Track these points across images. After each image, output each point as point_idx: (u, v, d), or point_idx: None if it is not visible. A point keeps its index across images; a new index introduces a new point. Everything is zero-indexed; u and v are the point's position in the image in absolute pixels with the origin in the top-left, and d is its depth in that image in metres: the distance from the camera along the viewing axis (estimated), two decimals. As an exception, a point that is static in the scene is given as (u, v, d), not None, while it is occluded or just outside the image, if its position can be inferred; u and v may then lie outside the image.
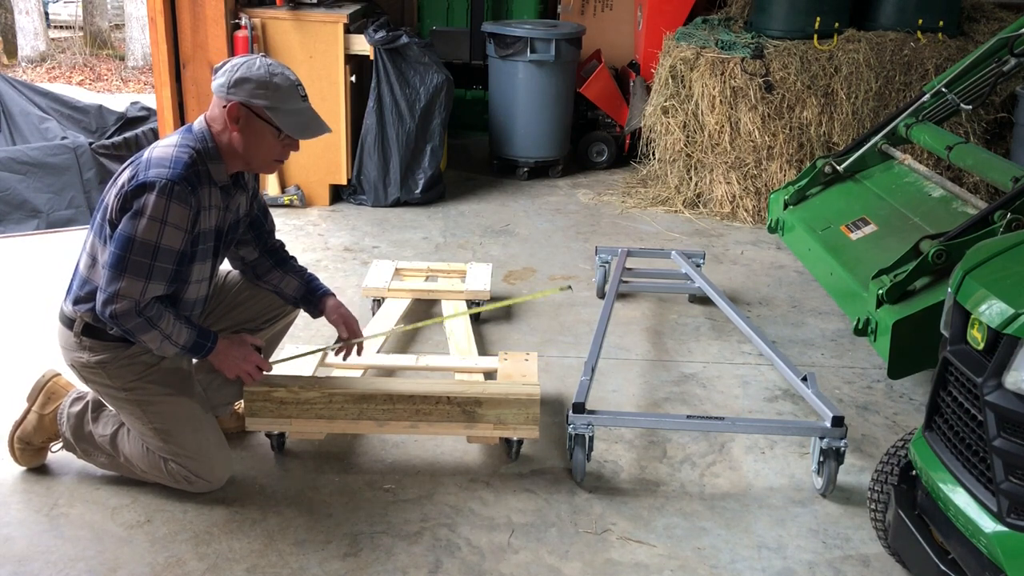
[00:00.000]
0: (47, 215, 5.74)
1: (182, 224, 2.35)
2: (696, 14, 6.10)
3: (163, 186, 2.30)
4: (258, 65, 2.40)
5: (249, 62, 2.41)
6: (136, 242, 2.31)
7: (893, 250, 3.14)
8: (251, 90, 2.38)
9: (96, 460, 2.67)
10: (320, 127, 2.51)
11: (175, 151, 2.38)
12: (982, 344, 1.90)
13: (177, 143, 2.41)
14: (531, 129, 5.95)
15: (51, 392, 2.73)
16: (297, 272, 2.83)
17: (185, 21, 4.82)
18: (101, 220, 2.44)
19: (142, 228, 2.31)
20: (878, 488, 2.37)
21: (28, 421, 2.69)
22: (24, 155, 5.79)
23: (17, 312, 3.82)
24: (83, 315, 2.47)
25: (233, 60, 2.45)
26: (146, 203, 2.30)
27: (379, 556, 2.42)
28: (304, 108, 2.47)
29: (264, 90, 2.39)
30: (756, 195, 5.40)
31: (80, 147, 5.91)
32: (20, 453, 2.69)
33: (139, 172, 2.35)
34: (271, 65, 2.42)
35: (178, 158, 2.36)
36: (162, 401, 2.52)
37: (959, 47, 5.31)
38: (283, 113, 2.42)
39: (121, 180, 2.40)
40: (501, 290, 4.22)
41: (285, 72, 2.44)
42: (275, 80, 2.40)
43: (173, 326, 2.42)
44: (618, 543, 2.52)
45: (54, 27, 16.19)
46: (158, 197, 2.30)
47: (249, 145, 2.45)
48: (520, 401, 2.72)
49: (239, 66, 2.40)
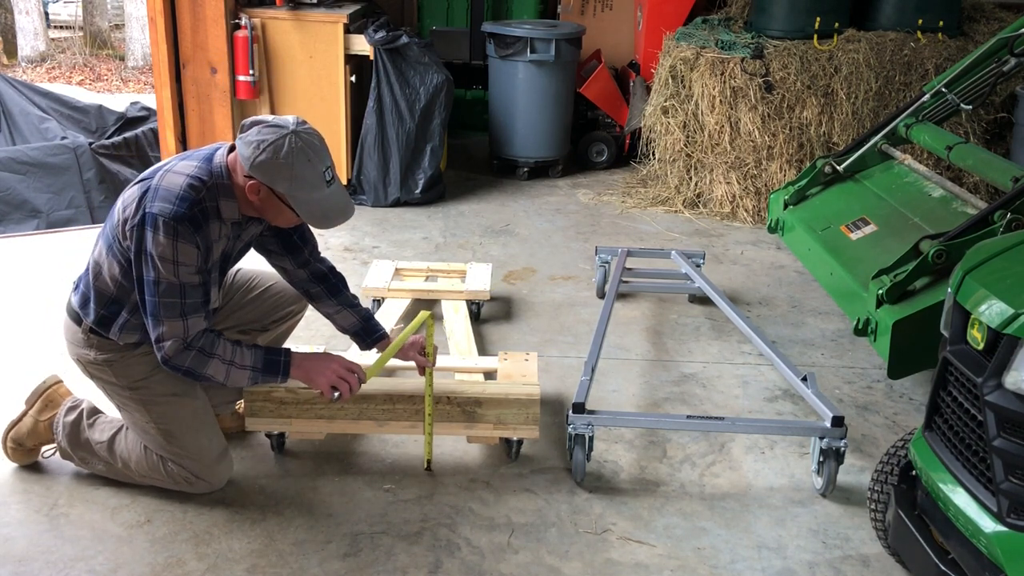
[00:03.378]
0: (47, 215, 5.75)
1: (193, 262, 2.31)
2: (696, 14, 6.09)
3: (166, 224, 2.25)
4: (286, 150, 2.26)
5: (277, 144, 2.26)
6: (160, 285, 2.28)
7: (893, 250, 3.14)
8: (273, 176, 2.27)
9: (94, 467, 2.66)
10: (342, 214, 2.39)
11: (185, 183, 2.30)
12: (982, 344, 1.90)
13: (191, 172, 2.32)
14: (531, 129, 5.95)
15: (49, 399, 2.74)
16: (354, 308, 2.75)
17: (185, 21, 4.82)
18: (111, 233, 2.39)
19: (159, 271, 2.27)
20: (878, 488, 2.37)
21: (23, 423, 2.70)
22: (24, 155, 5.80)
23: (17, 312, 3.82)
24: (88, 322, 2.46)
25: (263, 131, 2.29)
26: (153, 242, 2.26)
27: (379, 556, 2.42)
28: (327, 196, 2.34)
29: (288, 181, 2.27)
30: (756, 195, 5.40)
31: (80, 147, 5.92)
32: (11, 452, 2.71)
33: (147, 199, 2.29)
34: (300, 151, 2.27)
35: (185, 193, 2.28)
36: (166, 402, 2.51)
37: (959, 47, 5.31)
38: (304, 202, 2.32)
39: (130, 197, 2.34)
40: (501, 290, 4.22)
41: (314, 158, 2.30)
42: (300, 171, 2.27)
43: (233, 351, 2.39)
44: (618, 543, 2.52)
45: (54, 27, 16.19)
46: (164, 236, 2.25)
47: (267, 211, 2.39)
48: (520, 401, 2.72)
49: (267, 145, 2.26)
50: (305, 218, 2.36)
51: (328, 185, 2.34)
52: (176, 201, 2.27)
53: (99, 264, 2.43)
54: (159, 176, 2.33)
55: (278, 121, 2.31)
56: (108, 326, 2.45)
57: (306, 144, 2.30)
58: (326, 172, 2.34)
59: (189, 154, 2.44)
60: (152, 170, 2.40)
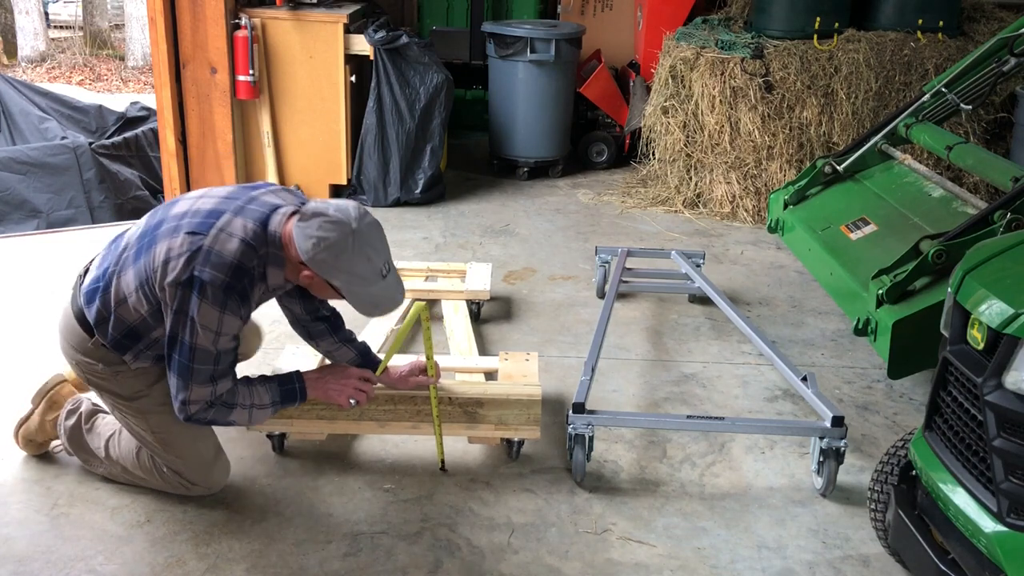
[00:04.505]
0: (47, 215, 5.75)
1: (234, 331, 2.30)
2: (696, 14, 6.10)
3: (215, 294, 2.20)
4: (347, 252, 2.23)
5: (338, 245, 2.22)
6: (196, 351, 2.25)
7: (893, 250, 3.14)
8: (331, 272, 2.25)
9: (96, 469, 2.68)
10: (393, 303, 2.39)
11: (238, 250, 2.23)
12: (982, 344, 1.90)
13: (246, 238, 2.25)
14: (531, 129, 5.95)
15: (53, 400, 2.75)
16: (351, 343, 2.72)
17: (185, 21, 4.82)
18: (147, 271, 2.28)
19: (197, 336, 2.23)
20: (878, 488, 2.37)
21: (31, 422, 2.74)
22: (24, 155, 5.80)
23: (17, 312, 3.82)
24: (102, 341, 2.40)
25: (324, 226, 2.22)
26: (199, 309, 2.21)
27: (379, 556, 2.42)
28: (381, 289, 2.33)
29: (346, 276, 2.27)
30: (756, 195, 5.40)
31: (80, 147, 5.92)
32: (23, 446, 2.77)
33: (197, 261, 2.20)
34: (360, 250, 2.25)
35: (238, 263, 2.22)
36: (164, 411, 2.48)
37: (959, 47, 5.31)
38: (357, 295, 2.31)
39: (177, 249, 2.22)
40: (501, 290, 4.22)
41: (373, 256, 2.28)
42: (358, 269, 2.26)
43: (250, 393, 2.39)
44: (618, 543, 2.52)
45: (54, 27, 16.19)
46: (211, 307, 2.21)
47: (314, 289, 2.37)
48: (521, 402, 2.72)
49: (327, 244, 2.22)
50: (355, 307, 2.34)
51: (384, 278, 2.33)
52: (228, 271, 2.21)
53: (125, 294, 2.33)
54: (212, 236, 2.23)
55: (339, 216, 2.25)
56: (123, 351, 2.40)
57: (366, 242, 2.27)
58: (384, 266, 2.32)
59: (244, 204, 2.33)
60: (204, 219, 2.27)
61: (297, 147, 5.24)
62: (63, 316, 2.51)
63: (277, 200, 2.39)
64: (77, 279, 2.52)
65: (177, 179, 4.99)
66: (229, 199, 2.36)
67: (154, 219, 2.40)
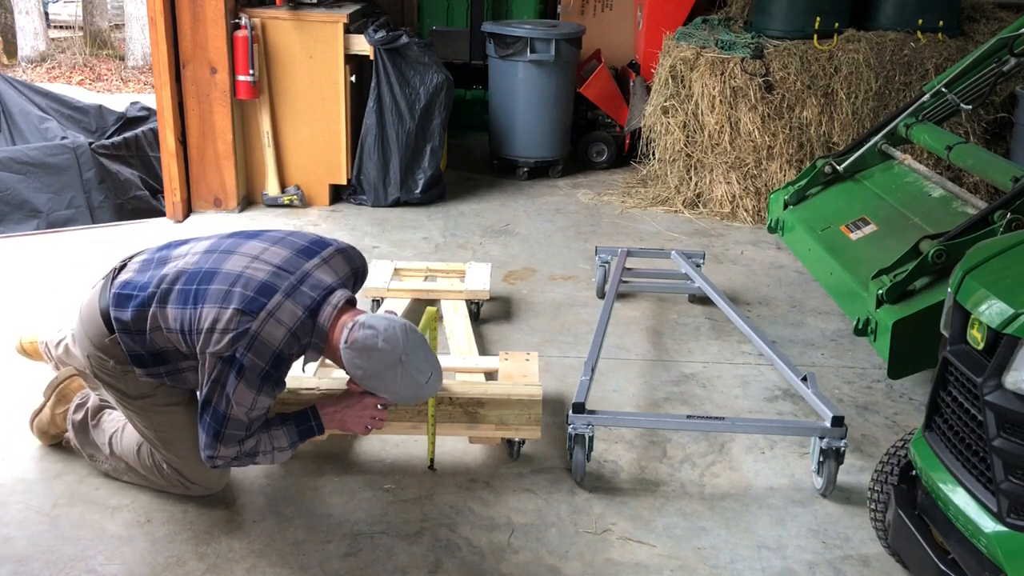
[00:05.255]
0: (47, 215, 5.74)
1: (267, 405, 2.32)
2: (696, 14, 6.09)
3: (251, 379, 2.22)
4: (398, 378, 2.30)
5: (386, 376, 2.29)
6: (229, 420, 2.27)
7: (893, 250, 3.14)
8: (377, 390, 2.35)
9: (101, 466, 2.69)
10: (426, 396, 2.48)
11: (284, 340, 2.23)
12: (982, 344, 1.90)
13: (294, 328, 2.25)
14: (531, 129, 5.95)
15: (63, 393, 2.78)
16: None
17: (185, 21, 4.82)
18: (190, 324, 2.26)
19: (232, 409, 2.25)
20: (878, 488, 2.37)
21: (43, 415, 2.79)
22: (24, 155, 5.79)
23: (17, 312, 3.82)
24: (122, 348, 2.39)
25: (374, 357, 2.27)
26: (235, 388, 2.22)
27: (379, 556, 2.42)
28: (420, 393, 2.41)
29: (390, 394, 2.38)
30: (756, 195, 5.40)
31: (80, 147, 5.91)
32: (38, 437, 2.83)
33: (241, 343, 2.20)
34: (407, 377, 2.31)
35: (282, 353, 2.24)
36: (167, 411, 2.50)
37: (959, 47, 5.31)
38: (398, 399, 2.44)
39: (225, 322, 2.21)
40: (501, 290, 4.22)
41: (418, 376, 2.33)
42: (404, 390, 2.34)
43: (271, 439, 2.40)
44: (618, 543, 2.52)
45: (54, 27, 16.19)
46: (248, 389, 2.23)
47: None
48: (522, 401, 2.72)
49: (375, 373, 2.29)
50: (393, 400, 2.48)
51: (426, 384, 2.38)
52: (269, 360, 2.23)
53: (162, 325, 2.32)
54: (261, 320, 2.22)
55: (387, 347, 2.27)
56: (140, 365, 2.40)
57: (413, 367, 2.31)
58: (428, 378, 2.37)
59: (296, 283, 2.30)
60: (255, 295, 2.24)
61: (297, 147, 5.24)
62: (88, 304, 2.47)
63: (329, 279, 2.37)
64: (111, 272, 2.48)
65: (177, 179, 4.99)
66: (283, 272, 2.32)
67: (205, 261, 2.35)
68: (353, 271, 2.49)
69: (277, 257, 2.36)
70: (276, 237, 2.45)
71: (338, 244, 2.51)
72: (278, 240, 2.43)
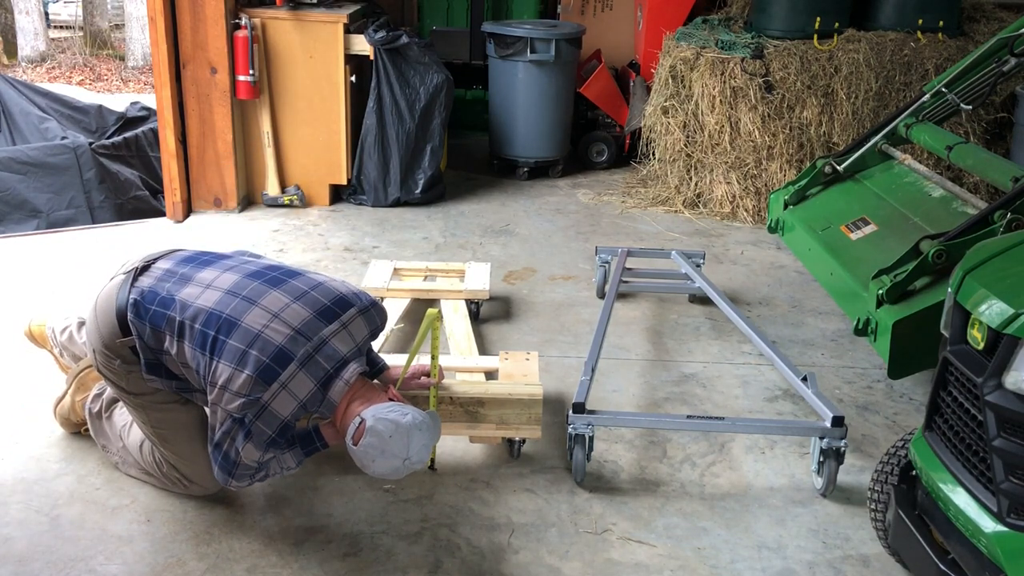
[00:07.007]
0: (47, 215, 5.74)
1: (276, 455, 2.36)
2: (696, 14, 6.09)
3: (260, 442, 2.26)
4: (400, 470, 2.28)
5: (390, 470, 2.27)
6: (240, 466, 2.30)
7: (893, 250, 3.14)
8: (373, 468, 2.30)
9: (111, 457, 2.72)
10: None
11: (295, 412, 2.27)
12: (982, 344, 1.90)
13: (304, 400, 2.26)
14: (531, 129, 5.95)
15: (82, 382, 2.82)
16: None
17: (185, 21, 4.82)
18: (203, 372, 2.28)
19: (241, 458, 2.27)
20: (878, 488, 2.37)
21: (64, 402, 2.82)
22: (24, 155, 5.79)
23: (17, 312, 3.81)
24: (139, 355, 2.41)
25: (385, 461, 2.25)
26: (243, 447, 2.25)
27: (379, 556, 2.42)
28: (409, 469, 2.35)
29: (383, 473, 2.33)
30: (756, 195, 5.40)
31: (80, 147, 5.91)
32: (62, 423, 2.88)
33: (252, 409, 2.21)
34: (407, 466, 2.28)
35: (289, 423, 2.28)
36: (166, 408, 2.51)
37: (959, 47, 5.31)
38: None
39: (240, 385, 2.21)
40: (501, 290, 4.22)
41: (416, 463, 2.29)
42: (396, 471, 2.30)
43: (280, 463, 2.41)
44: (618, 543, 2.52)
45: (54, 27, 16.20)
46: (255, 450, 2.27)
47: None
48: (523, 401, 2.72)
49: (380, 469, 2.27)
50: None
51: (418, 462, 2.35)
52: (277, 428, 2.26)
53: (176, 354, 2.33)
54: (272, 392, 2.21)
55: (395, 450, 2.24)
56: (151, 372, 2.41)
57: (414, 462, 2.29)
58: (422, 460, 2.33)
59: (312, 352, 2.27)
60: (271, 361, 2.22)
61: (297, 147, 5.24)
62: (104, 298, 2.44)
63: (345, 348, 2.34)
64: (133, 271, 2.45)
65: (177, 179, 4.99)
66: (300, 337, 2.27)
67: (226, 305, 2.31)
68: (372, 332, 2.45)
69: (297, 318, 2.30)
70: (300, 291, 2.37)
71: (361, 304, 2.43)
72: (301, 296, 2.36)
